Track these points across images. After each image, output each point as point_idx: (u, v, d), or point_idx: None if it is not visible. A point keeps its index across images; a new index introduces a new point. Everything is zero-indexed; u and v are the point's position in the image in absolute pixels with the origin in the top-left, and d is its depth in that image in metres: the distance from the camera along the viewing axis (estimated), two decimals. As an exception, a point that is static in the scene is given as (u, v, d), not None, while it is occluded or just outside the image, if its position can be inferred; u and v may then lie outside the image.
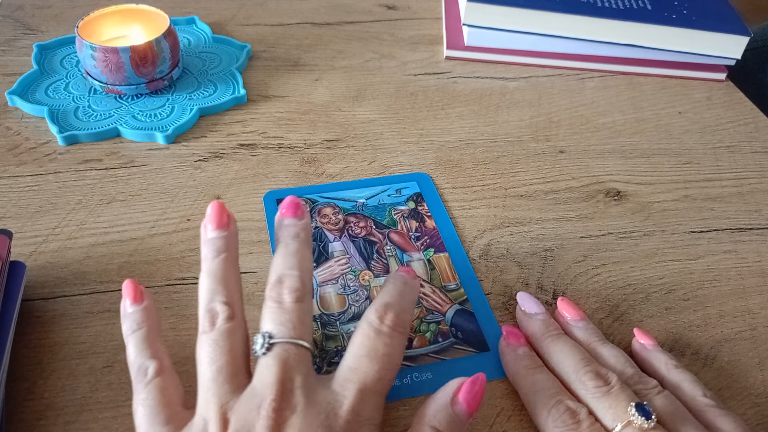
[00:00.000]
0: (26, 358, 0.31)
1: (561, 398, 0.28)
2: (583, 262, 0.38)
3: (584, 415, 0.27)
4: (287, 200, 0.30)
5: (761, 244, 0.40)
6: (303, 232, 0.29)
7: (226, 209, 0.30)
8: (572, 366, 0.29)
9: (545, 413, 0.27)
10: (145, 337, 0.27)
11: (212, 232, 0.29)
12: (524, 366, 0.30)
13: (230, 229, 0.29)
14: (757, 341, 0.34)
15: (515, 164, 0.45)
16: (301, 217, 0.30)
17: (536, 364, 0.30)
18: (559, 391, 0.28)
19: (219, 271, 0.27)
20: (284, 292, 0.27)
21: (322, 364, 0.31)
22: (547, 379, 0.29)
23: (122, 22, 0.49)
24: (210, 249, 0.28)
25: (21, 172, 0.42)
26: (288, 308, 0.26)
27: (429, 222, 0.40)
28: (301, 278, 0.27)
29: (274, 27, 0.59)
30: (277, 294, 0.27)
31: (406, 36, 0.59)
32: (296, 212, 0.30)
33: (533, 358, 0.31)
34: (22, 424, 0.28)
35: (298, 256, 0.28)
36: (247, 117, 0.48)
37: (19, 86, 0.48)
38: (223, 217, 0.29)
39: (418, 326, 0.34)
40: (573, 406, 0.27)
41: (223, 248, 0.28)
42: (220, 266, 0.27)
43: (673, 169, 0.46)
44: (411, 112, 0.50)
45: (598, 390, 0.28)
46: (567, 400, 0.28)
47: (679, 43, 0.54)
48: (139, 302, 0.28)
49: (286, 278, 0.27)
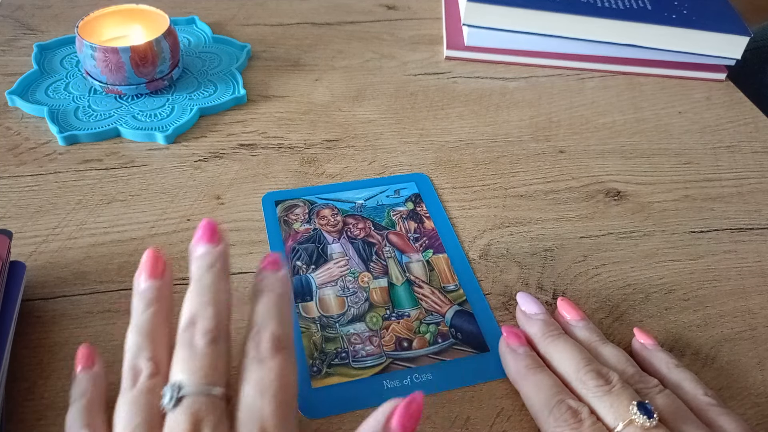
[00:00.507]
0: (26, 358, 0.31)
1: (562, 397, 0.28)
2: (583, 262, 0.38)
3: (586, 414, 0.27)
4: (202, 224, 0.28)
5: (761, 244, 0.40)
6: (219, 262, 0.27)
7: (161, 257, 0.28)
8: (573, 366, 0.29)
9: (546, 413, 0.27)
10: (84, 407, 0.26)
11: (144, 283, 0.27)
12: (525, 366, 0.30)
13: (164, 278, 0.28)
14: (757, 341, 0.34)
15: (515, 164, 0.45)
16: (217, 243, 0.28)
17: (537, 364, 0.30)
18: (560, 390, 0.28)
19: (147, 326, 0.26)
20: (196, 334, 0.25)
21: (322, 366, 0.31)
22: (548, 379, 0.29)
23: (122, 22, 0.49)
24: (140, 301, 0.27)
25: (21, 172, 0.42)
26: (200, 353, 0.24)
27: (428, 223, 0.40)
28: (215, 316, 0.25)
29: (274, 27, 0.59)
30: (189, 336, 0.25)
31: (406, 36, 0.59)
32: (212, 238, 0.28)
33: (534, 358, 0.30)
34: (22, 424, 0.28)
35: (213, 291, 0.26)
36: (247, 117, 0.48)
37: (19, 86, 0.48)
38: (157, 266, 0.28)
39: (418, 327, 0.34)
40: (574, 405, 0.27)
41: (154, 300, 0.27)
42: (149, 320, 0.26)
43: (673, 169, 0.46)
44: (411, 112, 0.50)
45: (599, 389, 0.27)
46: (568, 399, 0.28)
47: (679, 43, 0.54)
48: (89, 367, 0.27)
49: (199, 318, 0.25)
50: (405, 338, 0.33)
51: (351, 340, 0.33)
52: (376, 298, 0.35)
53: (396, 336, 0.33)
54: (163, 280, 0.28)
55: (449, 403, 0.30)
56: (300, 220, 0.39)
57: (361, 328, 0.33)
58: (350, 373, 0.31)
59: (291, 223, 0.39)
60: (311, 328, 0.33)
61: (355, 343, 0.32)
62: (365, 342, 0.33)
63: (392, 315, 0.34)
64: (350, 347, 0.32)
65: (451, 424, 0.29)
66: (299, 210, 0.40)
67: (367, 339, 0.33)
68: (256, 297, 0.27)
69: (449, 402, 0.30)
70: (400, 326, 0.33)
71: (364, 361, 0.32)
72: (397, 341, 0.33)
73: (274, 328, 0.25)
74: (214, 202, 0.40)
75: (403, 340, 0.33)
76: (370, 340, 0.33)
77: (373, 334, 0.33)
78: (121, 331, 0.32)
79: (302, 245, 0.38)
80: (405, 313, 0.34)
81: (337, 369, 0.31)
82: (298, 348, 0.32)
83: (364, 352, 0.32)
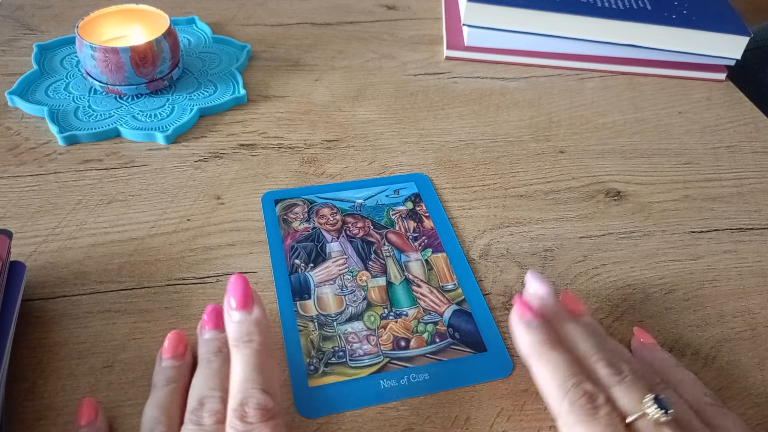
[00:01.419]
0: (26, 358, 0.31)
1: (580, 379, 0.26)
2: (583, 262, 0.38)
3: (602, 401, 0.25)
4: (209, 310, 0.30)
5: (761, 244, 0.40)
6: (226, 347, 0.28)
7: (184, 339, 0.31)
8: (582, 352, 0.27)
9: (561, 395, 0.26)
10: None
11: (166, 362, 0.30)
12: (539, 341, 0.28)
13: (185, 359, 0.30)
14: (757, 341, 0.34)
15: (515, 164, 0.45)
16: (223, 329, 0.29)
17: (552, 340, 0.28)
18: (578, 371, 0.26)
19: (164, 401, 0.28)
20: (204, 415, 0.26)
21: (319, 365, 0.31)
22: (564, 359, 0.27)
23: (122, 22, 0.49)
24: (161, 377, 0.29)
25: (21, 172, 0.42)
26: (208, 431, 0.25)
27: (427, 222, 0.40)
28: (222, 399, 0.26)
29: (274, 27, 0.59)
30: (198, 417, 0.26)
31: (406, 36, 0.59)
32: (218, 323, 0.30)
33: (549, 332, 0.28)
34: (22, 424, 0.28)
35: (220, 375, 0.27)
36: (247, 117, 0.48)
37: (19, 86, 0.48)
38: (179, 347, 0.30)
39: (416, 326, 0.34)
40: (591, 390, 0.25)
41: (174, 378, 0.29)
42: (167, 396, 0.28)
43: (673, 169, 0.46)
44: (411, 112, 0.50)
45: (611, 378, 0.26)
46: (586, 382, 0.26)
47: (679, 43, 0.54)
48: (93, 423, 0.28)
49: (207, 400, 0.26)
50: (403, 337, 0.33)
51: (348, 339, 0.33)
52: (375, 297, 0.35)
53: (394, 335, 0.33)
54: (183, 361, 0.30)
55: (449, 403, 0.30)
56: (299, 218, 0.39)
57: (358, 326, 0.33)
58: (347, 372, 0.31)
59: (290, 222, 0.39)
60: (309, 327, 0.33)
61: (352, 342, 0.32)
62: (363, 341, 0.33)
63: (390, 314, 0.34)
64: (348, 346, 0.32)
65: (451, 424, 0.29)
66: (298, 209, 0.40)
67: (365, 338, 0.33)
68: (232, 352, 0.27)
69: (449, 402, 0.30)
70: (397, 325, 0.33)
71: (361, 360, 0.32)
72: (394, 340, 0.33)
73: (259, 398, 0.25)
74: (214, 202, 0.40)
75: (401, 339, 0.33)
76: (368, 339, 0.33)
77: (371, 333, 0.33)
78: (121, 332, 0.32)
79: (301, 244, 0.38)
80: (403, 313, 0.34)
81: (334, 368, 0.31)
82: (295, 347, 0.32)
83: (361, 351, 0.32)
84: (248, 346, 0.27)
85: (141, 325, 0.33)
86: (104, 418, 0.29)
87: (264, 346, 0.27)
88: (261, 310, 0.28)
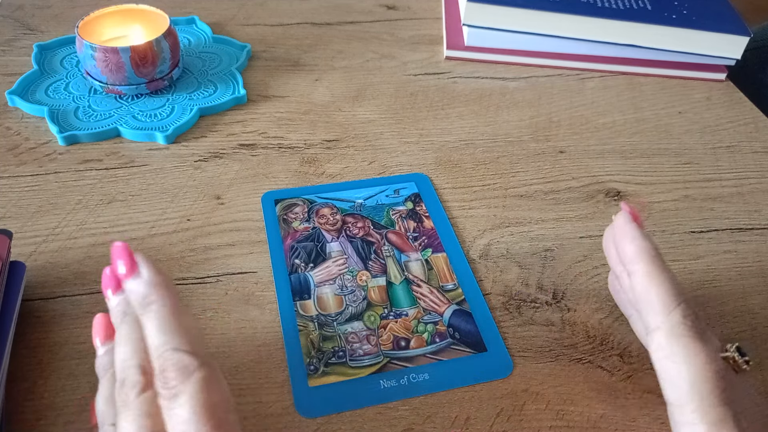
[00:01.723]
0: (26, 358, 0.31)
1: (688, 298, 0.26)
2: (583, 262, 0.38)
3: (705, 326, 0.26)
4: (104, 274, 0.27)
5: (761, 244, 0.40)
6: (131, 308, 0.26)
7: (108, 320, 0.27)
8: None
9: (673, 305, 0.26)
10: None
11: (99, 349, 0.27)
12: (654, 249, 0.28)
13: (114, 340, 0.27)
14: (757, 341, 0.34)
15: (515, 164, 0.45)
16: (123, 291, 0.27)
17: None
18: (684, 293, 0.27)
19: (109, 390, 0.26)
20: (128, 392, 0.24)
21: (319, 365, 0.31)
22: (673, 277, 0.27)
23: (122, 22, 0.49)
24: (99, 367, 0.27)
25: (21, 172, 0.42)
26: (137, 409, 0.23)
27: (427, 222, 0.40)
28: (139, 366, 0.24)
29: (274, 27, 0.59)
30: (124, 397, 0.24)
31: (406, 36, 0.59)
32: (118, 285, 0.26)
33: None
34: (22, 424, 0.28)
35: (132, 340, 0.25)
36: (247, 117, 0.48)
37: (19, 86, 0.48)
38: (107, 332, 0.28)
39: (416, 326, 0.34)
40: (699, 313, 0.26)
41: (109, 363, 0.27)
42: (109, 384, 0.26)
43: (673, 169, 0.46)
44: (411, 112, 0.50)
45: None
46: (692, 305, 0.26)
47: (679, 43, 0.54)
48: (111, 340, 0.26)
49: (126, 374, 0.25)
50: (403, 337, 0.33)
51: (348, 339, 0.33)
52: (375, 297, 0.35)
53: (394, 335, 0.33)
54: (113, 343, 0.27)
55: (449, 403, 0.30)
56: (299, 218, 0.39)
57: (358, 326, 0.33)
58: (347, 372, 0.31)
59: (290, 222, 0.39)
60: (309, 327, 0.33)
61: (352, 342, 0.32)
62: (363, 341, 0.33)
63: (390, 314, 0.34)
64: (348, 346, 0.32)
65: (451, 424, 0.29)
66: (298, 209, 0.40)
67: (365, 338, 0.33)
68: (140, 321, 0.25)
69: (449, 402, 0.30)
70: (397, 325, 0.33)
71: (361, 360, 0.32)
72: (394, 340, 0.33)
73: (173, 358, 0.24)
74: (214, 202, 0.40)
75: (401, 339, 0.33)
76: (368, 339, 0.33)
77: (371, 333, 0.33)
78: (121, 331, 0.32)
79: (301, 244, 0.38)
80: (403, 312, 0.34)
81: (334, 368, 0.31)
82: (295, 347, 0.32)
83: (361, 351, 0.32)
84: (149, 309, 0.25)
85: (141, 325, 0.33)
86: None
87: (164, 303, 0.25)
88: (150, 269, 0.26)
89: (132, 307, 0.26)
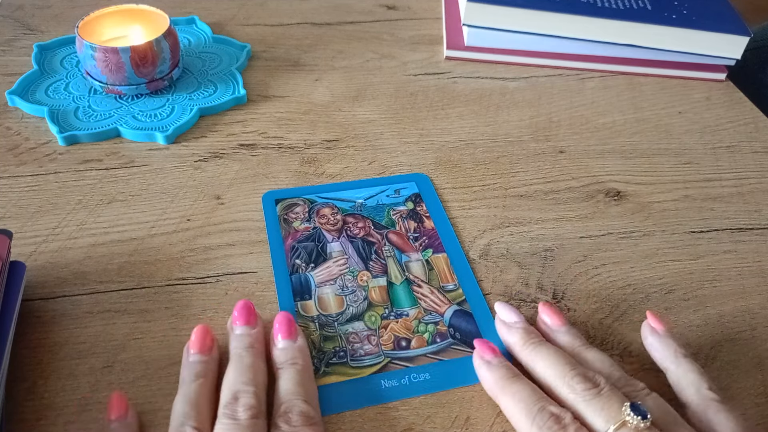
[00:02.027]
0: (26, 358, 0.31)
1: (543, 404, 0.27)
2: (583, 262, 0.38)
3: (569, 420, 0.26)
4: (240, 306, 0.31)
5: (761, 244, 0.40)
6: (258, 343, 0.30)
7: (210, 333, 0.31)
8: (558, 371, 0.28)
9: (529, 422, 0.27)
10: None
11: (193, 356, 0.30)
12: (501, 377, 0.29)
13: (212, 353, 0.30)
14: (757, 341, 0.34)
15: (515, 164, 0.45)
16: (254, 325, 0.31)
17: (513, 374, 0.29)
18: (540, 397, 0.27)
19: (193, 396, 0.28)
20: (239, 409, 0.26)
21: (320, 365, 0.31)
22: (527, 387, 0.28)
23: (122, 22, 0.49)
24: (189, 372, 0.29)
25: (21, 172, 0.42)
26: (243, 425, 0.26)
27: (428, 222, 0.40)
28: (256, 394, 0.27)
29: (274, 27, 0.59)
30: (232, 411, 0.26)
31: (406, 36, 0.59)
32: (249, 319, 0.31)
33: (509, 368, 0.30)
34: (22, 424, 0.28)
35: (253, 371, 0.28)
36: (247, 117, 0.48)
37: (19, 86, 0.48)
38: (206, 341, 0.30)
39: (417, 327, 0.34)
40: (557, 411, 0.26)
41: (202, 373, 0.29)
42: (196, 391, 0.28)
43: (673, 169, 0.46)
44: (411, 112, 0.50)
45: (587, 393, 0.27)
46: (550, 405, 0.27)
47: (679, 43, 0.54)
48: (123, 417, 0.28)
49: (241, 395, 0.27)
50: (403, 338, 0.33)
51: (349, 339, 0.33)
52: (375, 297, 0.35)
53: (394, 335, 0.33)
54: (210, 356, 0.30)
55: (449, 403, 0.30)
56: (300, 218, 0.39)
57: (359, 327, 0.33)
58: (348, 372, 0.31)
59: (291, 222, 0.39)
60: (310, 327, 0.33)
61: (353, 342, 0.32)
62: (363, 341, 0.33)
63: (391, 314, 0.34)
64: (348, 346, 0.32)
65: (451, 424, 0.29)
66: (299, 208, 0.40)
67: (366, 338, 0.33)
68: (279, 372, 0.29)
69: (449, 402, 0.30)
70: (398, 325, 0.33)
71: (362, 360, 0.32)
72: (395, 340, 0.33)
73: (302, 407, 0.27)
74: (214, 202, 0.40)
75: (402, 339, 0.33)
76: (369, 339, 0.33)
77: (372, 333, 0.33)
78: (121, 332, 0.32)
79: (302, 244, 0.38)
80: (404, 313, 0.34)
81: (335, 368, 0.31)
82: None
83: (362, 351, 0.32)
84: (293, 367, 0.29)
85: (141, 325, 0.33)
86: (134, 413, 0.28)
87: (306, 368, 0.29)
88: (303, 339, 0.31)
89: (277, 359, 0.30)
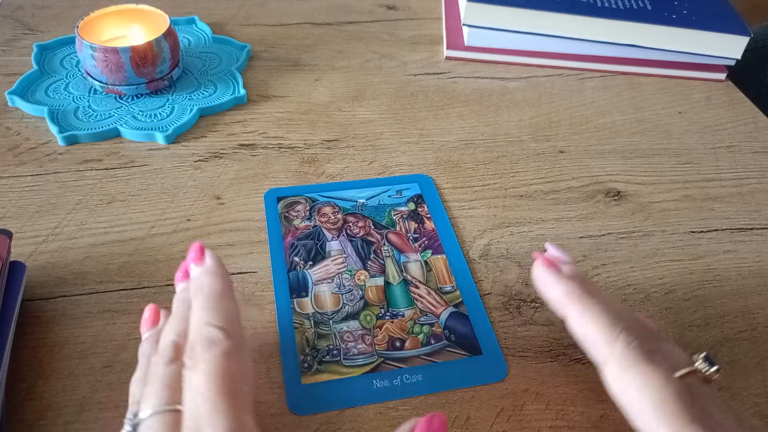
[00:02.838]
0: (26, 358, 0.31)
1: (628, 324, 0.26)
2: (583, 262, 0.38)
3: (655, 346, 0.25)
4: (180, 269, 0.29)
5: (761, 244, 0.40)
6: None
7: (159, 309, 0.29)
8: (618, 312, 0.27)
9: (613, 336, 0.25)
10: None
11: (146, 333, 0.28)
12: (576, 288, 0.27)
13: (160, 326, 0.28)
14: (757, 341, 0.34)
15: (515, 164, 0.45)
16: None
17: (588, 289, 0.28)
18: (623, 318, 0.26)
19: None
20: (165, 347, 0.25)
21: (313, 363, 0.31)
22: (606, 305, 0.27)
23: (122, 22, 0.49)
24: (142, 351, 0.27)
25: (21, 172, 0.42)
26: (156, 377, 0.24)
27: (428, 224, 0.40)
28: (173, 342, 0.25)
29: (274, 27, 0.59)
30: (161, 352, 0.25)
31: (406, 36, 0.59)
32: (186, 275, 0.28)
33: (583, 282, 0.28)
34: (22, 424, 0.28)
35: (182, 319, 0.26)
36: (247, 117, 0.48)
37: (19, 86, 0.48)
38: (156, 319, 0.29)
39: (411, 327, 0.33)
40: (643, 335, 0.25)
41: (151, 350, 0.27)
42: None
43: (673, 169, 0.46)
44: (411, 112, 0.50)
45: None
46: (634, 328, 0.26)
47: (679, 43, 0.54)
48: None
49: (166, 336, 0.26)
50: (398, 338, 0.33)
51: (343, 338, 0.33)
52: (372, 297, 0.35)
53: (389, 335, 0.33)
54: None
55: (449, 404, 0.30)
56: (301, 216, 0.39)
57: (354, 326, 0.33)
58: (340, 371, 0.31)
59: (291, 220, 0.39)
60: (304, 324, 0.33)
61: (347, 341, 0.32)
62: (358, 340, 0.33)
63: (386, 314, 0.34)
64: (342, 345, 0.32)
65: (451, 424, 0.29)
66: (300, 207, 0.40)
67: (360, 337, 0.33)
68: (192, 301, 0.26)
69: (449, 402, 0.30)
70: (393, 326, 0.33)
71: (355, 360, 0.32)
72: (389, 341, 0.33)
73: (204, 332, 0.24)
74: (214, 202, 0.40)
75: (396, 339, 0.33)
76: (363, 339, 0.33)
77: (366, 333, 0.33)
78: (121, 332, 0.32)
79: (301, 241, 0.38)
80: (399, 313, 0.34)
81: (327, 366, 0.31)
82: (290, 344, 0.32)
83: (355, 350, 0.32)
84: (200, 293, 0.26)
85: (141, 325, 0.33)
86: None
87: (214, 288, 0.26)
88: (213, 260, 0.28)
89: (191, 291, 0.27)
